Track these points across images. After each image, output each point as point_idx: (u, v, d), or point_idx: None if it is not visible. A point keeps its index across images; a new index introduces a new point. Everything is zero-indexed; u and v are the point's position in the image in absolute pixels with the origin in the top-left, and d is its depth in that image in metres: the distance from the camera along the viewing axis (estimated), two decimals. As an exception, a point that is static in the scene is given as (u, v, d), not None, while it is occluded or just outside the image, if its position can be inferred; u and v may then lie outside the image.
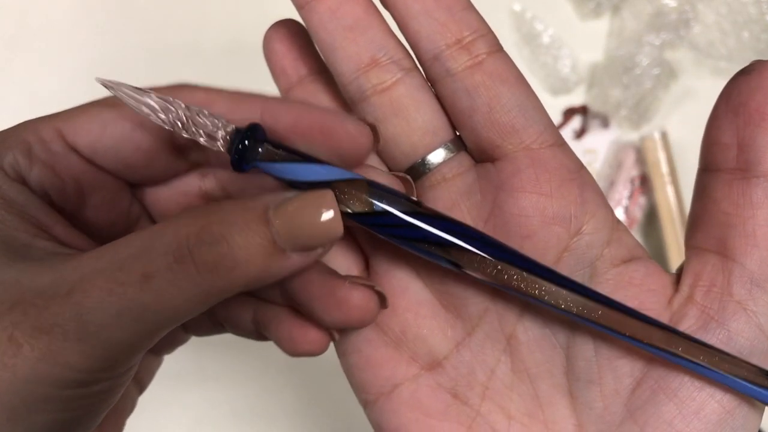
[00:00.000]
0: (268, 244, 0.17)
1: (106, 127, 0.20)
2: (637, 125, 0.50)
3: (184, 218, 0.17)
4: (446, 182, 0.21)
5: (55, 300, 0.16)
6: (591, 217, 0.20)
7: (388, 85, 0.21)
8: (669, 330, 0.18)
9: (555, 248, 0.20)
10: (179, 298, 0.17)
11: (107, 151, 0.20)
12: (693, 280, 0.19)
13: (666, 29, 0.49)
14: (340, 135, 0.19)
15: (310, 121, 0.19)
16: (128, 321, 0.17)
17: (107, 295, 0.16)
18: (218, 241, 0.17)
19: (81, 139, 0.20)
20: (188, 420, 0.46)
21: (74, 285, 0.17)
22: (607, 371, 0.19)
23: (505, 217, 0.20)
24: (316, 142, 0.19)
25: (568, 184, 0.20)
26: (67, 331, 0.16)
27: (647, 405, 0.19)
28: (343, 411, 0.46)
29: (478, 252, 0.19)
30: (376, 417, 0.21)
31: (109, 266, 0.17)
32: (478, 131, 0.20)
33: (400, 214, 0.19)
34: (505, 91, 0.20)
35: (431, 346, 0.21)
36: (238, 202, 0.18)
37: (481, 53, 0.20)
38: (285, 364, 0.46)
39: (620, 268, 0.20)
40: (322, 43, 0.21)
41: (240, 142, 0.19)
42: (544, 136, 0.20)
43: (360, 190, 0.19)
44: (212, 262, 0.17)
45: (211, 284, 0.17)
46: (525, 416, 0.20)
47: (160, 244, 0.17)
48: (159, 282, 0.16)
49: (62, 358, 0.16)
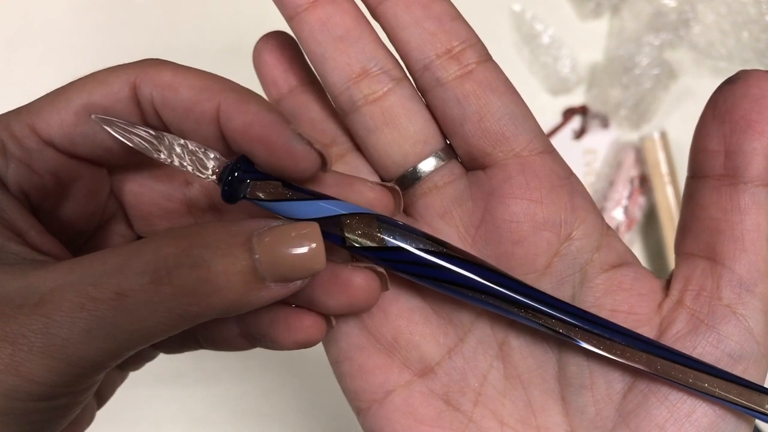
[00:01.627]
0: (249, 273, 0.17)
1: (79, 114, 0.19)
2: (637, 125, 0.50)
3: (165, 237, 0.17)
4: (438, 190, 0.21)
5: (22, 310, 0.16)
6: (581, 223, 0.20)
7: (379, 95, 0.21)
8: (654, 347, 0.18)
9: (545, 253, 0.20)
10: (152, 320, 0.16)
11: (84, 140, 0.20)
12: (683, 285, 0.19)
13: (666, 29, 0.49)
14: (283, 154, 0.18)
15: (259, 132, 0.18)
16: (97, 339, 0.16)
17: (78, 310, 0.16)
18: (198, 264, 0.16)
19: (55, 132, 0.19)
20: (188, 420, 0.46)
21: (44, 296, 0.16)
22: (599, 376, 0.19)
23: (496, 223, 0.20)
24: (260, 154, 0.19)
25: (558, 191, 0.20)
26: (33, 344, 0.16)
27: (639, 409, 0.19)
28: (342, 411, 0.46)
29: (496, 288, 0.19)
30: (369, 425, 0.21)
31: (82, 280, 0.16)
32: (468, 139, 0.20)
33: (415, 251, 0.19)
34: (495, 99, 0.20)
35: (423, 352, 0.21)
36: (222, 226, 0.17)
37: (471, 62, 0.20)
38: (285, 364, 0.46)
39: (610, 272, 0.20)
40: (312, 54, 0.21)
41: (230, 174, 0.19)
42: (533, 144, 0.20)
43: (369, 225, 0.19)
44: (190, 285, 0.16)
45: (187, 308, 0.16)
46: (518, 422, 0.20)
47: (138, 262, 0.16)
48: (133, 302, 0.16)
49: (25, 370, 0.16)
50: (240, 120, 0.18)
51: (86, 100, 0.19)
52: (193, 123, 0.19)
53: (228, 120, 0.19)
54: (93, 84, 0.19)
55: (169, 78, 0.19)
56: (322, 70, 0.21)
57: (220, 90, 0.19)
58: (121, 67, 0.20)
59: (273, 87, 0.23)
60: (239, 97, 0.19)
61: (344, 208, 0.19)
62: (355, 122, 0.21)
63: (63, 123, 0.19)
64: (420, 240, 0.19)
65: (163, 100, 0.19)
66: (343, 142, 0.22)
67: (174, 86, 0.19)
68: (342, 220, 0.19)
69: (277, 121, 0.18)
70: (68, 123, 0.19)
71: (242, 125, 0.18)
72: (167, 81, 0.19)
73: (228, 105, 0.19)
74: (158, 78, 0.19)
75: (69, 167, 0.20)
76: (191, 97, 0.19)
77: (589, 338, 0.19)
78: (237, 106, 0.19)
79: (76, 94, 0.19)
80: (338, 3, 0.21)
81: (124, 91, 0.19)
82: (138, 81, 0.19)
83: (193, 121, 0.19)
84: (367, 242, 0.19)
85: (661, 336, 0.19)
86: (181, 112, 0.19)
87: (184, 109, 0.19)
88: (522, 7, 0.51)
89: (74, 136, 0.19)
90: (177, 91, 0.19)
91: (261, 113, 0.19)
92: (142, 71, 0.19)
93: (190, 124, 0.19)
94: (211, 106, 0.19)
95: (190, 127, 0.19)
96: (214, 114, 0.19)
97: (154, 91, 0.19)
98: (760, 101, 0.18)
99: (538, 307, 0.19)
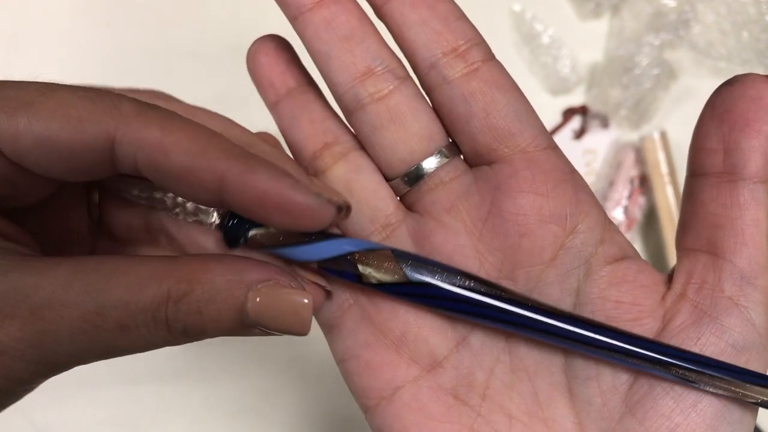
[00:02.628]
0: (237, 321, 0.18)
1: (39, 144, 0.17)
2: (637, 125, 0.50)
3: (169, 271, 0.18)
4: (444, 185, 0.21)
5: (15, 321, 0.16)
6: (585, 217, 0.20)
7: (385, 93, 0.21)
8: (656, 346, 0.19)
9: (551, 246, 0.20)
10: (146, 345, 0.18)
11: (39, 165, 0.17)
12: (685, 278, 0.20)
13: (666, 29, 0.49)
14: (302, 215, 0.18)
15: (277, 201, 0.18)
16: (92, 356, 0.17)
17: (79, 333, 0.17)
18: (194, 312, 0.18)
19: (6, 145, 0.17)
20: (188, 420, 0.46)
21: (38, 310, 0.16)
22: (605, 367, 0.20)
23: (503, 216, 0.20)
24: (275, 219, 0.18)
25: (563, 185, 0.20)
26: (25, 355, 0.16)
27: (645, 399, 0.19)
28: (342, 411, 0.46)
29: (527, 315, 0.19)
30: (377, 422, 0.21)
31: (84, 304, 0.17)
32: (474, 136, 0.21)
33: (444, 286, 0.20)
34: (501, 97, 0.20)
35: (432, 346, 0.21)
36: (223, 273, 0.18)
37: (477, 61, 0.21)
38: (286, 364, 0.47)
39: (613, 265, 0.20)
40: (316, 54, 0.21)
41: (230, 221, 0.19)
42: (538, 140, 0.20)
43: (386, 260, 0.20)
44: (183, 329, 0.18)
45: (177, 341, 0.18)
46: (525, 415, 0.20)
47: (143, 300, 0.17)
48: (134, 334, 0.17)
49: (13, 375, 0.16)
50: (253, 193, 0.18)
51: (53, 135, 0.17)
52: (186, 188, 0.18)
53: (238, 192, 0.18)
54: (63, 118, 0.17)
55: (158, 137, 0.17)
56: (327, 69, 0.21)
57: (220, 158, 0.17)
58: (100, 106, 0.17)
59: (270, 89, 0.23)
60: (245, 166, 0.17)
61: (355, 246, 0.20)
62: (360, 120, 0.21)
63: (18, 140, 0.17)
64: (446, 273, 0.20)
65: (151, 163, 0.17)
66: (346, 141, 0.22)
67: (164, 149, 0.17)
68: (355, 257, 0.20)
69: (293, 186, 0.18)
70: (23, 144, 0.17)
71: (257, 197, 0.18)
72: (155, 141, 0.17)
73: (234, 176, 0.17)
74: (144, 136, 0.17)
75: (17, 174, 0.18)
76: (186, 163, 0.17)
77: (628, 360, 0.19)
78: (245, 177, 0.17)
79: (41, 120, 0.17)
80: (342, 3, 0.21)
81: (98, 142, 0.17)
82: (119, 135, 0.17)
83: (187, 186, 0.18)
84: (387, 277, 0.19)
85: (665, 327, 0.19)
86: (174, 177, 0.17)
87: (177, 176, 0.17)
88: (522, 7, 0.51)
89: (26, 157, 0.17)
90: (168, 156, 0.17)
91: (273, 181, 0.18)
92: (123, 124, 0.17)
93: (183, 188, 0.18)
94: (213, 177, 0.17)
95: (182, 191, 0.18)
96: (216, 184, 0.17)
97: (139, 153, 0.17)
98: (757, 101, 0.18)
99: (545, 322, 0.19)
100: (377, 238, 0.21)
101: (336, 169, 0.22)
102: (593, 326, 0.19)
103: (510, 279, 0.21)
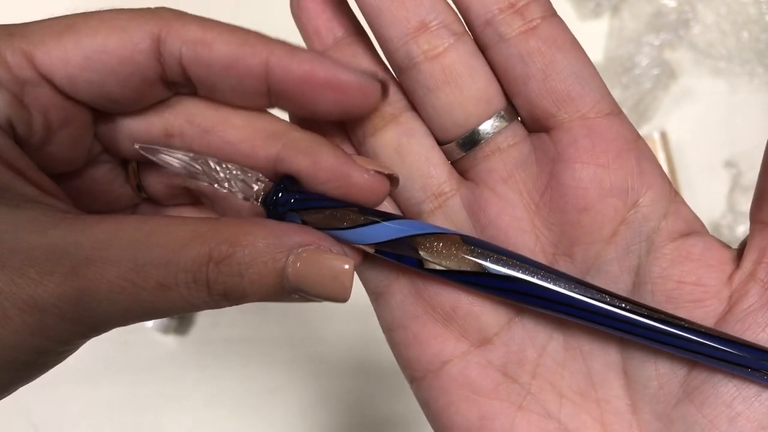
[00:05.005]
0: (276, 286, 0.17)
1: (89, 59, 0.18)
2: (637, 125, 0.49)
3: (211, 232, 0.17)
4: (500, 153, 0.20)
5: (53, 277, 0.16)
6: (648, 189, 0.19)
7: (440, 51, 0.19)
8: (717, 340, 0.17)
9: (612, 221, 0.19)
10: (186, 306, 0.17)
11: (89, 86, 0.18)
12: (757, 256, 0.18)
13: (665, 29, 0.49)
14: (350, 90, 0.18)
15: (325, 75, 0.18)
16: (132, 316, 0.17)
17: (119, 292, 0.16)
18: (235, 274, 0.17)
19: (58, 71, 0.18)
20: (189, 419, 0.46)
21: (77, 267, 0.16)
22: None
23: (561, 190, 0.19)
24: (326, 99, 0.18)
25: (625, 155, 0.19)
26: (65, 314, 0.16)
27: (705, 385, 0.18)
28: (342, 411, 0.46)
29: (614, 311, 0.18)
30: (423, 394, 0.20)
31: (124, 263, 0.16)
32: (532, 99, 0.19)
33: (524, 277, 0.18)
34: (561, 57, 0.19)
35: (483, 323, 0.20)
36: (268, 236, 0.17)
37: (536, 18, 0.19)
38: (287, 364, 0.47)
39: (678, 242, 0.19)
40: (366, 6, 0.20)
41: (274, 195, 0.19)
42: (600, 105, 0.19)
43: (453, 245, 0.19)
44: (224, 291, 0.17)
45: (217, 303, 0.17)
46: (577, 395, 0.19)
47: (184, 259, 0.17)
48: (174, 294, 0.17)
49: (54, 334, 0.16)
50: (298, 72, 0.18)
51: (100, 47, 0.18)
52: (234, 80, 0.18)
53: (285, 72, 0.18)
54: (108, 29, 0.18)
55: (199, 33, 0.18)
56: (377, 24, 0.20)
57: (262, 43, 0.18)
58: (139, 14, 0.18)
59: (316, 38, 0.21)
60: (288, 48, 0.18)
61: (417, 228, 0.19)
62: (413, 80, 0.20)
63: (68, 63, 0.18)
64: (522, 264, 0.19)
65: (196, 57, 0.18)
66: (397, 101, 0.21)
67: (207, 42, 0.18)
68: (417, 241, 0.19)
69: (337, 65, 0.18)
70: (74, 65, 0.18)
71: (303, 77, 0.18)
72: (197, 36, 0.18)
73: (279, 58, 0.18)
74: (186, 32, 0.18)
75: (63, 108, 0.19)
76: (230, 52, 0.18)
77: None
78: (290, 58, 0.18)
79: (87, 36, 0.18)
80: None
81: (145, 42, 0.18)
82: (163, 34, 0.18)
83: (234, 77, 0.18)
84: (455, 265, 0.19)
85: (730, 310, 0.18)
86: (219, 69, 0.18)
87: (223, 66, 0.18)
88: (522, 7, 0.51)
89: (78, 80, 0.18)
90: (211, 47, 0.18)
91: (317, 60, 0.18)
92: (165, 23, 0.18)
93: (230, 81, 0.18)
94: (258, 61, 0.18)
95: (229, 84, 0.18)
96: (262, 69, 0.18)
97: (184, 47, 0.18)
98: None
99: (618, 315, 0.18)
100: (429, 207, 0.20)
101: (386, 132, 0.20)
102: (648, 316, 0.18)
103: (567, 255, 0.19)
